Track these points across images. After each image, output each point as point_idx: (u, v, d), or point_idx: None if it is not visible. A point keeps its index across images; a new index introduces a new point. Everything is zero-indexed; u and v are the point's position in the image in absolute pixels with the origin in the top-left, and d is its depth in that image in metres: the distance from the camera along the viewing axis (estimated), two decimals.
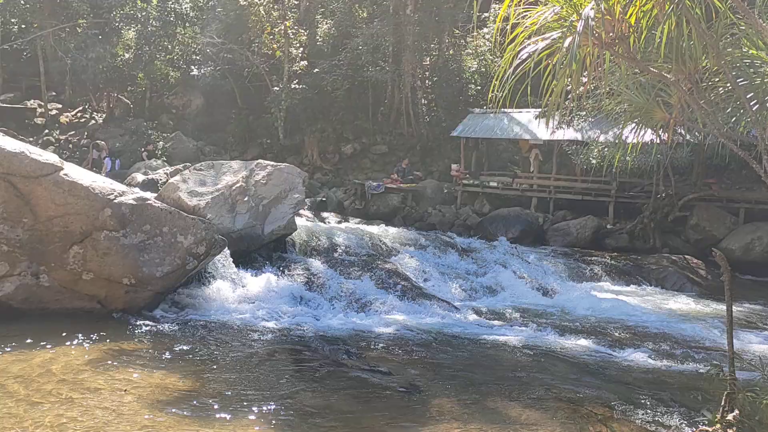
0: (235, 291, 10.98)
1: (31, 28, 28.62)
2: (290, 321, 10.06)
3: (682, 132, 11.32)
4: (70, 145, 27.07)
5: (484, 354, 8.97)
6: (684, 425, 6.36)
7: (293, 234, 13.18)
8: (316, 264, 12.41)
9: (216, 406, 6.41)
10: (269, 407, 6.46)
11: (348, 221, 19.48)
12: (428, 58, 28.12)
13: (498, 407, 6.85)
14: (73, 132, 28.32)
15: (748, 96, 4.77)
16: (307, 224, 15.61)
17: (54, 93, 30.46)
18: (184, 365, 7.62)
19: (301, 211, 16.31)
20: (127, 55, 29.01)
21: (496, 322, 10.72)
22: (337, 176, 26.24)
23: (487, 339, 9.62)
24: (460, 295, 12.51)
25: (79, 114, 30.18)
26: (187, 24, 29.52)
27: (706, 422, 5.40)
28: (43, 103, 29.09)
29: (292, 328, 9.73)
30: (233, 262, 11.35)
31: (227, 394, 6.78)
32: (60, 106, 30.18)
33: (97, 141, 25.44)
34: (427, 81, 27.67)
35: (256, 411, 6.34)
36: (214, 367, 7.72)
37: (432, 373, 8.02)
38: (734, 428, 4.97)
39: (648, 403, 7.05)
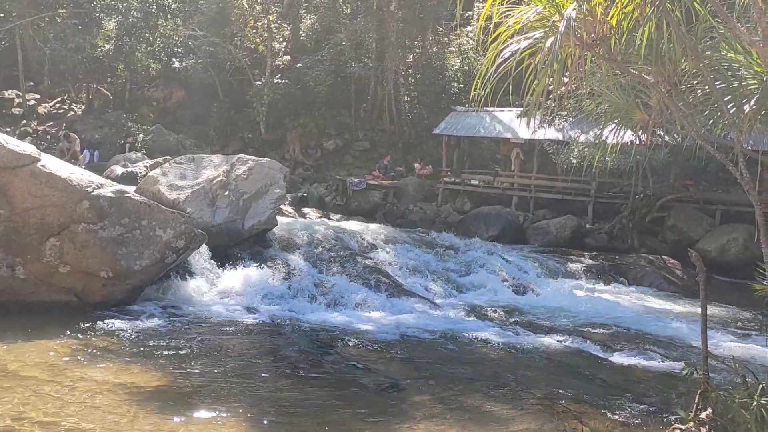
0: (214, 285, 10.94)
1: (9, 17, 28.14)
2: (269, 316, 10.03)
3: (661, 133, 11.44)
4: (48, 136, 26.69)
5: (462, 351, 9.01)
6: (658, 423, 6.44)
7: (274, 229, 13.14)
8: (296, 260, 12.38)
9: (192, 401, 6.38)
10: (246, 402, 6.44)
11: (329, 217, 19.43)
12: (411, 55, 28.14)
13: (476, 404, 6.89)
14: (51, 123, 27.94)
15: (725, 99, 4.84)
16: (288, 220, 15.56)
17: (32, 83, 30.02)
18: (161, 360, 7.57)
19: (282, 207, 16.21)
20: (107, 46, 28.67)
21: (474, 320, 10.77)
22: (318, 172, 26.16)
23: (465, 336, 9.66)
24: (440, 293, 12.53)
25: (57, 105, 29.79)
26: (168, 16, 29.20)
27: (680, 420, 5.47)
28: (21, 93, 28.67)
29: (271, 323, 9.70)
30: (213, 256, 11.31)
31: (204, 389, 6.74)
32: (38, 96, 29.75)
33: (68, 132, 24.99)
34: (410, 78, 27.68)
35: (232, 406, 6.31)
36: (191, 361, 7.67)
37: (410, 369, 8.04)
38: (707, 426, 5.04)
39: (623, 400, 7.13)
